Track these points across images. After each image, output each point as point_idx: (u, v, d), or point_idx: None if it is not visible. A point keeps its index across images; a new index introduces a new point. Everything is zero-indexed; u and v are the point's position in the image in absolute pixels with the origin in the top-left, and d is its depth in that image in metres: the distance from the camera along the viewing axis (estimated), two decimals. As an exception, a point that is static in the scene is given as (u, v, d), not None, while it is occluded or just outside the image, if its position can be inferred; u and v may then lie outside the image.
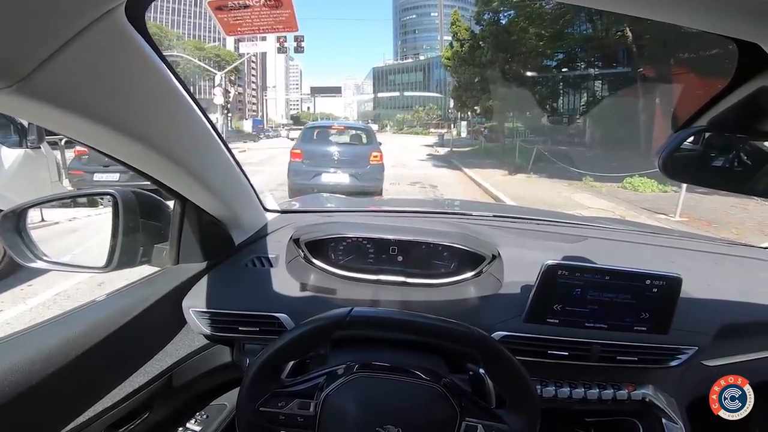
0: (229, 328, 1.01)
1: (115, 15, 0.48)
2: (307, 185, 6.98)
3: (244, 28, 14.32)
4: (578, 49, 19.34)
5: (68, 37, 0.44)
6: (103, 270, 0.93)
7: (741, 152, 0.63)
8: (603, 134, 18.57)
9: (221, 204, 0.99)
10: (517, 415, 0.69)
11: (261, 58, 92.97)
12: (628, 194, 9.20)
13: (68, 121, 0.53)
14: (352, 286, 1.11)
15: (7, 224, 0.91)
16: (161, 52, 0.61)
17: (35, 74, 0.44)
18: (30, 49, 0.42)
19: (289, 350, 0.71)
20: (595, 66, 19.84)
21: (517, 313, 0.97)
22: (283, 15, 13.99)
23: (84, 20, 0.44)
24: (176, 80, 0.66)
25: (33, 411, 0.68)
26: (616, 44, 16.97)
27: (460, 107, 25.85)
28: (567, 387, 0.99)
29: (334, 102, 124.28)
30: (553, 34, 18.08)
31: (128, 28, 0.52)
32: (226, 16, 14.52)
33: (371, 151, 7.57)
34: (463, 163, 15.72)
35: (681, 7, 0.42)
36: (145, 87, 0.61)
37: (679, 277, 0.91)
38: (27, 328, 0.75)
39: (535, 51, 18.54)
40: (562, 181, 11.11)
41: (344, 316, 0.69)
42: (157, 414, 0.94)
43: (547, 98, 20.91)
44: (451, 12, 23.51)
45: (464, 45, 21.01)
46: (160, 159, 0.72)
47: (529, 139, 18.81)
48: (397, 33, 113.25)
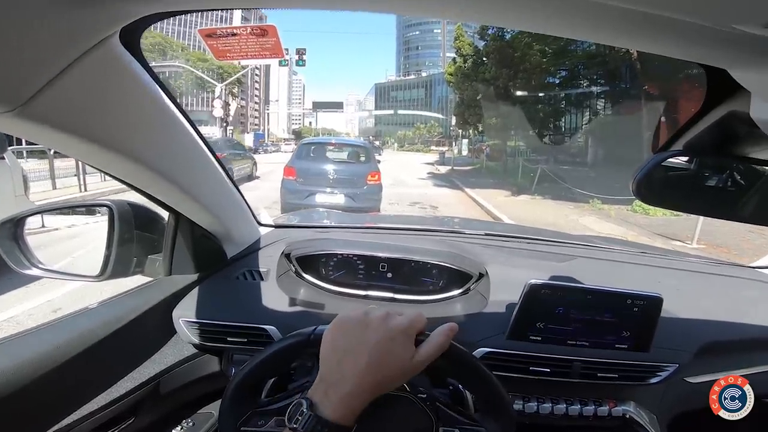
0: (218, 338, 1.02)
1: (110, 42, 0.52)
2: (301, 205, 6.64)
3: (232, 54, 14.57)
4: (581, 67, 19.29)
5: (66, 64, 0.47)
6: (96, 279, 0.95)
7: (715, 176, 0.63)
8: (605, 153, 18.53)
9: (213, 219, 1.01)
10: (491, 416, 0.68)
11: (265, 71, 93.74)
12: (639, 218, 8.78)
13: (68, 141, 0.57)
14: (341, 301, 1.13)
15: (4, 232, 0.93)
16: (155, 72, 0.65)
17: (36, 98, 0.47)
18: (30, 75, 0.45)
19: (265, 367, 0.70)
20: (597, 83, 19.81)
21: (500, 330, 0.99)
22: (268, 43, 14.20)
23: (81, 48, 0.48)
24: (170, 100, 0.71)
25: (18, 413, 0.69)
26: (620, 60, 16.86)
27: (462, 124, 25.57)
28: (549, 403, 1.00)
29: (335, 117, 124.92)
30: (557, 50, 17.99)
31: (123, 54, 0.57)
32: (216, 43, 14.77)
33: (369, 171, 7.30)
34: (464, 182, 15.43)
35: (651, 35, 0.44)
36: (139, 108, 0.66)
37: (659, 297, 0.93)
38: (17, 333, 0.77)
39: (540, 67, 18.42)
40: (567, 203, 10.83)
41: (309, 334, 0.68)
42: (142, 420, 0.95)
43: (551, 116, 20.78)
44: (455, 27, 23.32)
45: (467, 60, 20.92)
46: (154, 176, 0.75)
47: (531, 158, 18.61)
48: (400, 49, 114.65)
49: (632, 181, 0.63)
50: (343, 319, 0.61)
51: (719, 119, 0.58)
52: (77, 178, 9.33)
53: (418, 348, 0.59)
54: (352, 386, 0.54)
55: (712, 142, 0.61)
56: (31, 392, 0.70)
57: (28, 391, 0.69)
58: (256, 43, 13.35)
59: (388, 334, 0.57)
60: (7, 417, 0.68)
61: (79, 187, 9.19)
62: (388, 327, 0.58)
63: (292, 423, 0.54)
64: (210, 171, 0.93)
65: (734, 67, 0.47)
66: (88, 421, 0.81)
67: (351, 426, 0.55)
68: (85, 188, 9.22)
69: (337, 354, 0.57)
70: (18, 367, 0.69)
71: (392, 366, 0.57)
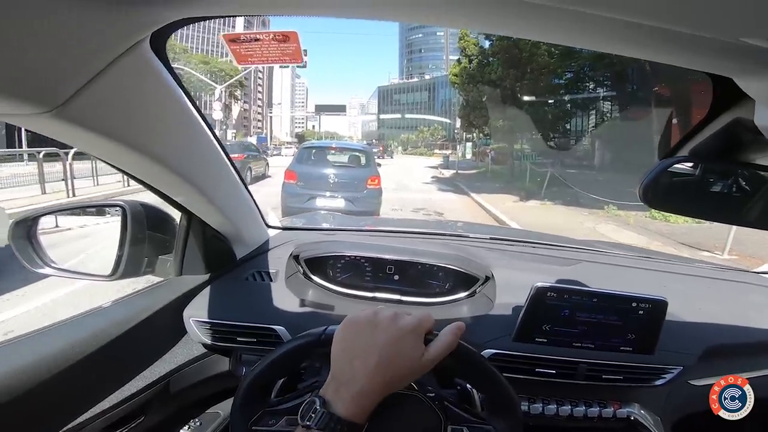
0: (228, 338, 1.04)
1: (141, 47, 0.54)
2: (301, 209, 6.50)
3: (254, 59, 14.76)
4: (588, 68, 18.87)
5: (101, 67, 0.50)
6: (108, 278, 0.96)
7: (720, 181, 0.65)
8: (613, 157, 18.22)
9: (225, 220, 1.03)
10: (499, 415, 0.69)
11: (268, 74, 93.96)
12: (659, 225, 8.26)
13: (99, 143, 0.60)
14: (348, 303, 1.14)
15: (18, 231, 0.94)
16: (180, 79, 0.68)
17: (73, 100, 0.49)
18: (68, 77, 0.48)
19: (276, 367, 0.71)
20: (605, 85, 19.39)
21: (507, 332, 0.99)
22: (289, 48, 14.37)
23: (115, 51, 0.50)
24: (191, 105, 0.73)
25: (31, 412, 0.70)
26: (628, 62, 16.47)
27: (467, 127, 25.05)
28: (554, 404, 1.01)
29: (338, 121, 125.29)
30: (564, 51, 17.48)
31: (153, 59, 0.59)
32: (239, 48, 14.89)
33: (369, 175, 7.31)
34: (469, 187, 14.93)
35: (656, 45, 0.45)
36: (165, 112, 0.68)
37: (664, 300, 0.93)
38: (33, 331, 0.79)
39: (547, 68, 17.91)
40: (580, 209, 10.36)
41: (319, 334, 0.69)
42: (151, 419, 0.95)
43: (559, 118, 20.17)
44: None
45: (473, 61, 20.26)
46: (174, 177, 0.77)
47: (537, 161, 18.17)
48: (403, 52, 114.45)
49: (639, 186, 0.64)
50: (353, 319, 0.62)
51: (724, 126, 0.59)
52: (64, 183, 9.01)
53: (426, 347, 0.59)
54: (363, 385, 0.55)
55: (718, 148, 0.63)
56: (45, 390, 0.71)
57: (42, 390, 0.70)
58: (277, 49, 13.67)
59: (398, 334, 0.58)
60: (21, 415, 0.69)
61: (66, 192, 8.88)
62: (398, 327, 0.59)
63: (305, 420, 0.54)
64: (225, 173, 0.95)
65: (739, 76, 0.48)
66: (100, 419, 0.82)
67: (363, 424, 0.55)
68: (73, 193, 8.95)
69: (347, 353, 0.58)
70: (31, 366, 0.70)
71: (402, 365, 0.57)
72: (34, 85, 0.45)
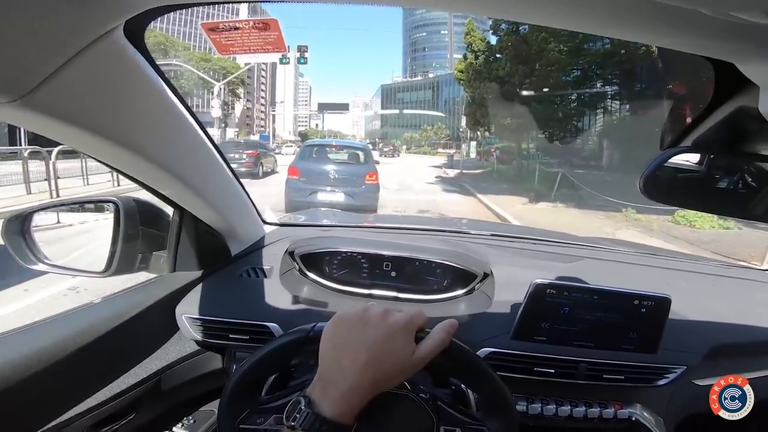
0: (220, 335, 1.02)
1: (113, 35, 0.52)
2: (304, 202, 7.12)
3: (235, 48, 14.43)
4: (595, 67, 18.49)
5: (70, 55, 0.48)
6: (101, 275, 0.95)
7: (724, 173, 0.62)
8: (621, 156, 17.87)
9: (218, 215, 1.01)
10: (494, 415, 0.67)
11: (271, 72, 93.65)
12: (684, 231, 7.73)
13: (72, 133, 0.57)
14: (343, 299, 1.12)
15: (11, 227, 0.93)
16: (160, 68, 0.65)
17: (39, 89, 0.47)
18: (34, 65, 0.46)
19: (264, 364, 0.69)
20: (614, 83, 19.08)
21: (505, 330, 0.97)
22: (270, 37, 13.94)
23: (84, 39, 0.48)
24: (174, 95, 0.71)
25: (16, 407, 0.69)
26: (639, 59, 16.16)
27: (473, 125, 24.46)
28: (553, 404, 0.99)
29: (342, 119, 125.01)
30: (572, 48, 17.23)
31: (127, 47, 0.57)
32: (218, 37, 14.46)
33: (367, 171, 7.79)
34: (475, 187, 14.40)
35: (656, 28, 0.44)
36: (144, 103, 0.66)
37: (668, 298, 0.91)
38: (19, 328, 0.77)
39: (557, 64, 17.38)
40: (595, 213, 9.73)
41: (308, 331, 0.67)
42: (142, 416, 0.94)
43: (568, 116, 19.65)
44: (466, 21, 22.17)
45: (479, 57, 19.73)
46: (158, 171, 0.75)
47: (544, 161, 17.64)
48: (407, 51, 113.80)
49: (639, 178, 0.62)
50: (342, 315, 0.60)
51: (728, 115, 0.57)
52: (47, 183, 8.59)
53: (418, 345, 0.58)
54: (351, 383, 0.53)
55: (721, 138, 0.61)
56: (30, 387, 0.70)
57: (27, 386, 0.69)
58: (258, 37, 13.19)
59: (388, 331, 0.56)
60: (6, 411, 0.68)
61: (50, 192, 8.45)
62: (388, 323, 0.57)
63: (290, 421, 0.53)
64: (215, 168, 0.93)
65: (741, 60, 0.47)
66: (87, 417, 0.81)
67: (351, 424, 0.54)
68: (57, 193, 8.48)
69: (336, 351, 0.56)
70: (17, 362, 0.69)
71: (392, 363, 0.56)
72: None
